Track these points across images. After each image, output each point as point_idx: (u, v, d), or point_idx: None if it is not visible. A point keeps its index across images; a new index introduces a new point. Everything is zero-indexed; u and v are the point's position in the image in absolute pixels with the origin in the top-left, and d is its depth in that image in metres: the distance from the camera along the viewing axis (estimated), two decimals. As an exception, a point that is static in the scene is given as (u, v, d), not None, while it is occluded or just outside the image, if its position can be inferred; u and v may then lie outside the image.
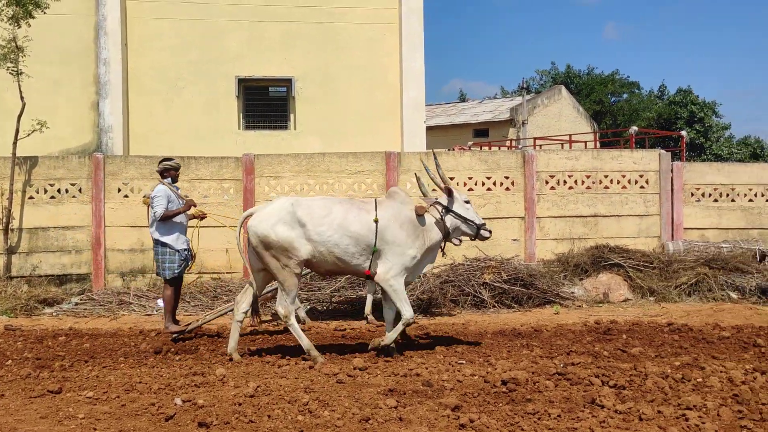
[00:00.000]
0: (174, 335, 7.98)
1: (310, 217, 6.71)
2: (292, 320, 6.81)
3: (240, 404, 5.05)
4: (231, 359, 6.83)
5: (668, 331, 8.22)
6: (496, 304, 9.94)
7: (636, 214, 12.05)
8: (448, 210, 7.12)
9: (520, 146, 26.36)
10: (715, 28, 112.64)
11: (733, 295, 10.44)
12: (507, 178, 11.82)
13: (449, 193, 7.18)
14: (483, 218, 7.44)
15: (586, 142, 24.71)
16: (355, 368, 6.19)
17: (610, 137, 33.26)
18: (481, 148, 25.08)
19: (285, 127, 15.33)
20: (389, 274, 6.81)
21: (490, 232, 7.29)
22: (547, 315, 9.57)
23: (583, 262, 11.02)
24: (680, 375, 5.80)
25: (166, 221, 8.15)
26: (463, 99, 48.34)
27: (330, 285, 10.16)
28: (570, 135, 24.98)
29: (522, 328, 8.55)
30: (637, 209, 12.06)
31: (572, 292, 10.52)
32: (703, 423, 4.57)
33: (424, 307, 9.65)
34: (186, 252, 8.35)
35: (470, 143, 28.04)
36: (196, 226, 8.65)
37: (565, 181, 11.96)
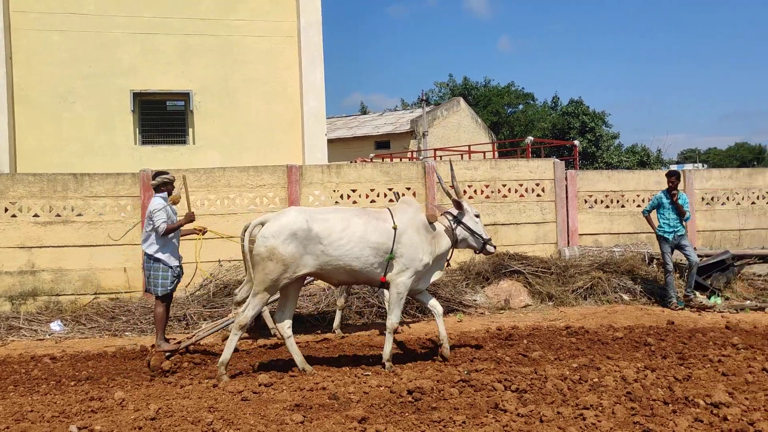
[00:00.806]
0: (167, 353, 7.70)
1: (328, 232, 6.65)
2: (238, 333, 6.70)
3: (140, 428, 4.89)
4: (304, 371, 6.70)
5: (566, 334, 8.50)
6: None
7: (533, 221, 12.42)
8: (458, 221, 7.30)
9: (421, 157, 26.72)
10: (603, 42, 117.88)
11: (626, 296, 10.89)
12: (408, 188, 11.95)
13: (460, 206, 7.34)
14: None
15: (485, 152, 25.30)
16: (260, 384, 6.10)
17: (508, 147, 34.18)
18: (383, 160, 25.29)
19: (183, 142, 15.00)
20: (401, 276, 6.92)
21: (495, 247, 7.54)
22: (451, 323, 9.69)
23: (484, 270, 11.26)
24: (578, 376, 6.00)
25: (160, 236, 7.84)
26: (364, 111, 48.61)
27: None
28: (469, 146, 25.53)
29: (426, 337, 8.64)
30: (535, 217, 12.43)
31: (474, 300, 10.72)
32: (600, 421, 4.74)
33: (329, 320, 9.60)
34: (178, 269, 8.06)
35: (372, 155, 28.24)
36: (199, 238, 8.32)
37: (465, 191, 12.19)
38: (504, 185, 12.39)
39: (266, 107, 15.11)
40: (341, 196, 11.63)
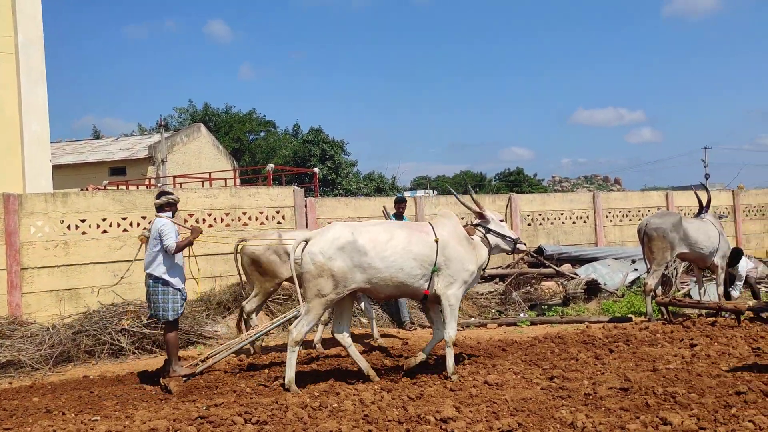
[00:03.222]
0: (185, 378, 7.49)
1: (373, 244, 6.77)
2: (295, 349, 6.85)
3: None
4: (369, 377, 7.06)
5: (307, 360, 8.54)
6: (136, 351, 9.48)
7: (275, 248, 12.41)
8: (488, 230, 7.57)
9: (159, 185, 25.71)
10: (343, 72, 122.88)
11: (364, 320, 11.22)
12: (144, 218, 11.38)
13: (482, 216, 7.66)
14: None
15: (226, 179, 25.04)
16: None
17: (250, 174, 34.19)
18: (118, 187, 23.98)
19: None
20: (451, 288, 7.08)
21: (525, 244, 7.97)
22: (191, 356, 9.35)
23: (225, 299, 11.04)
24: (318, 403, 6.04)
25: (168, 257, 7.53)
26: (97, 136, 45.94)
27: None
28: (210, 173, 25.09)
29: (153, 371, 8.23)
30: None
31: (215, 331, 10.44)
32: (338, 447, 4.79)
33: (54, 362, 8.79)
34: (185, 291, 7.76)
35: (106, 182, 26.62)
36: (190, 255, 8.00)
37: (204, 219, 11.89)
38: (245, 213, 12.28)
39: (-21, 129, 13.58)
40: (69, 227, 10.76)
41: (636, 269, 13.98)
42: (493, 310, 12.22)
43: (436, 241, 7.07)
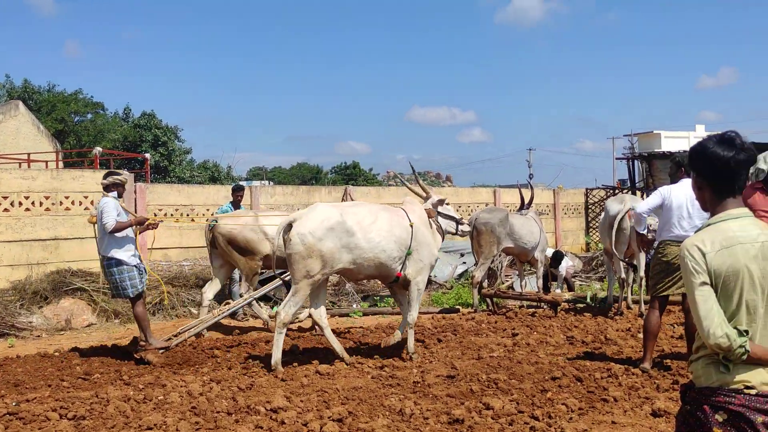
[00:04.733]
0: (161, 350, 7.65)
1: (360, 226, 6.80)
2: (283, 331, 6.84)
3: None
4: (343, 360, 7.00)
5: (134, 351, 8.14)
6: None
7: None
8: (440, 213, 7.77)
9: (-30, 164, 23.61)
10: (178, 58, 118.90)
11: (194, 310, 10.91)
12: (-50, 199, 10.41)
13: (434, 198, 7.86)
14: None
15: (47, 161, 23.44)
16: None
17: (75, 157, 32.27)
18: None
19: None
20: (421, 274, 7.28)
21: (468, 225, 8.29)
22: (1, 349, 8.66)
23: (42, 288, 10.32)
24: (142, 396, 5.78)
25: (116, 235, 7.49)
26: None
27: None
28: (29, 154, 23.37)
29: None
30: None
31: (30, 322, 9.73)
32: (162, 440, 4.59)
33: None
34: (141, 265, 7.76)
35: None
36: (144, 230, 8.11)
37: (21, 203, 11.07)
38: (67, 197, 11.54)
39: None
40: None
41: (464, 262, 14.54)
42: (327, 301, 12.25)
43: (411, 226, 7.21)
